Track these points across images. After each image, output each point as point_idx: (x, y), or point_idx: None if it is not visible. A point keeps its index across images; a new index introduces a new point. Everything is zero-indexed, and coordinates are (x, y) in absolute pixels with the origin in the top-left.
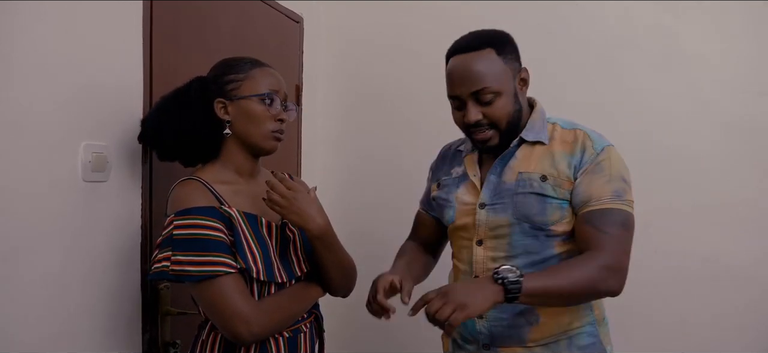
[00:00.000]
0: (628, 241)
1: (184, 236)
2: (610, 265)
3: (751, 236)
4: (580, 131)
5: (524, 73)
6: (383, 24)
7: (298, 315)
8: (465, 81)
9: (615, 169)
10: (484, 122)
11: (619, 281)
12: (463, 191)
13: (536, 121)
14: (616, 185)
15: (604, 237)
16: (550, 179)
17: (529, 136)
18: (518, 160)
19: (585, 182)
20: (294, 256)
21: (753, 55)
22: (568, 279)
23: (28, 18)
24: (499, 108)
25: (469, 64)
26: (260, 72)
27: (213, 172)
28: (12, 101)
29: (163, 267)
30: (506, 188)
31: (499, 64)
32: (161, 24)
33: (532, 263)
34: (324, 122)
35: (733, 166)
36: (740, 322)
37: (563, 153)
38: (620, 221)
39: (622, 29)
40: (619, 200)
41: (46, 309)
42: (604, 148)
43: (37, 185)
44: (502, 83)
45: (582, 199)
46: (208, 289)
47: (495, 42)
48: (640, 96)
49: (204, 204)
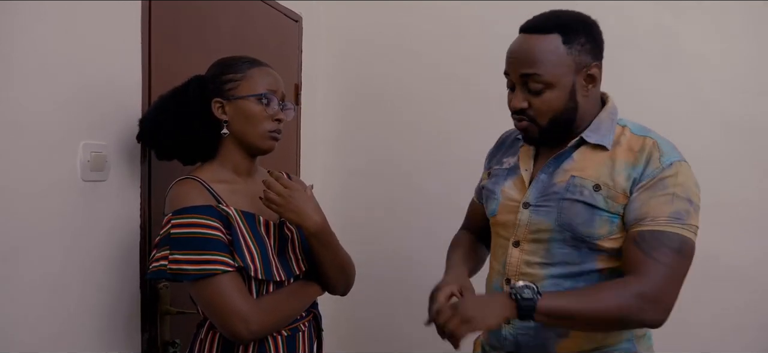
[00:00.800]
0: (679, 270)
1: (181, 235)
2: (650, 295)
3: (751, 236)
4: (650, 140)
5: (594, 70)
6: (383, 24)
7: (296, 313)
8: (517, 62)
9: (682, 188)
10: (529, 112)
11: (660, 313)
12: (510, 185)
13: (604, 121)
14: (678, 206)
15: (650, 263)
16: (603, 189)
17: (591, 138)
18: (574, 162)
19: (643, 198)
20: (292, 254)
21: (753, 55)
22: (595, 304)
23: (28, 18)
24: (545, 101)
25: (526, 46)
26: (258, 72)
27: (211, 171)
28: (11, 100)
29: (160, 265)
30: (554, 190)
31: (561, 52)
32: (160, 24)
33: (569, 274)
34: (323, 122)
35: (733, 166)
36: (740, 322)
37: (625, 162)
38: (675, 246)
39: (622, 29)
40: (677, 223)
41: (45, 308)
42: (673, 162)
43: (36, 184)
44: (557, 75)
45: (635, 216)
46: (206, 288)
47: (564, 27)
48: (640, 96)
49: (201, 203)
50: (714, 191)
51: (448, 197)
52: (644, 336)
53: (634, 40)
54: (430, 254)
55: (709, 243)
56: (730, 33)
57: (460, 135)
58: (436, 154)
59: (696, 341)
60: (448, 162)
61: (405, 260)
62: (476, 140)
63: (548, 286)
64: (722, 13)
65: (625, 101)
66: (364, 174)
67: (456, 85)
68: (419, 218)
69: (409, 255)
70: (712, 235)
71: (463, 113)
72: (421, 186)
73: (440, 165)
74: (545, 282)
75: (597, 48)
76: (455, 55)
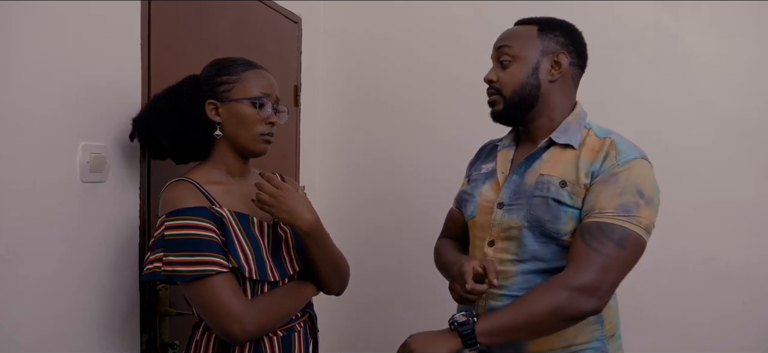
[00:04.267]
0: (618, 262)
1: (175, 237)
2: (580, 285)
3: (751, 236)
4: (609, 140)
5: (561, 57)
6: (382, 24)
7: (291, 313)
8: (498, 39)
9: (632, 183)
10: (496, 84)
11: (595, 302)
12: (487, 188)
13: (571, 123)
14: (626, 199)
15: (589, 254)
16: (569, 185)
17: (560, 138)
18: (544, 162)
19: (595, 191)
20: (286, 255)
21: (752, 56)
22: (529, 308)
23: (27, 18)
24: (510, 73)
25: (509, 30)
26: (252, 75)
27: (204, 172)
28: (11, 101)
29: (155, 268)
30: (525, 189)
31: (533, 36)
32: (159, 24)
33: (540, 270)
34: (322, 122)
35: (732, 166)
36: (740, 322)
37: (587, 160)
38: (615, 238)
39: (621, 29)
40: (623, 216)
41: (44, 309)
42: (629, 159)
43: (35, 185)
44: (524, 51)
45: (586, 208)
46: (200, 289)
47: (544, 23)
48: (640, 96)
49: (195, 204)
50: (713, 191)
51: (447, 197)
52: (614, 336)
53: (634, 40)
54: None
55: (709, 243)
56: (729, 33)
57: (459, 135)
58: (435, 154)
59: (696, 341)
60: (447, 162)
61: (403, 261)
62: (475, 141)
63: (520, 282)
64: (722, 13)
65: (623, 100)
66: (363, 174)
67: (455, 85)
68: (418, 219)
69: (407, 255)
70: (712, 235)
71: (463, 114)
72: (420, 186)
73: (439, 165)
74: (517, 278)
75: (571, 46)
76: (454, 56)
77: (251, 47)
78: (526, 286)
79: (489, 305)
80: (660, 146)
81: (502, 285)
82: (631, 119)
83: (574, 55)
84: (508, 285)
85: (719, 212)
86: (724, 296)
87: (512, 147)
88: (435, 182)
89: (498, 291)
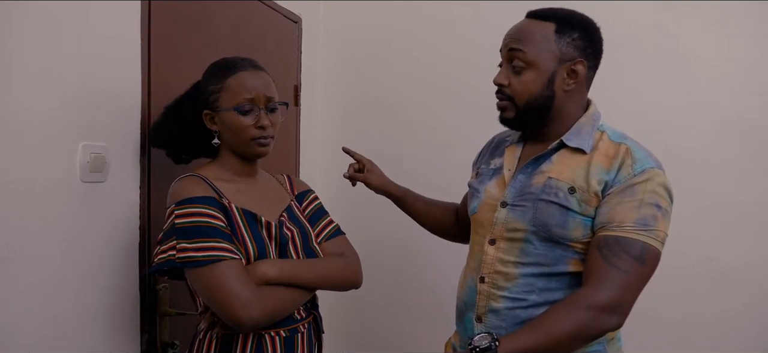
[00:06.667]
0: (638, 278)
1: (186, 225)
2: (602, 304)
3: (751, 236)
4: (624, 146)
5: (579, 66)
6: (382, 24)
7: (298, 303)
8: (509, 37)
9: (651, 194)
10: (507, 90)
11: (617, 319)
12: (492, 184)
13: (584, 126)
14: (645, 211)
15: (609, 271)
16: (578, 192)
17: (572, 141)
18: (553, 164)
19: (611, 203)
20: (294, 254)
21: (752, 56)
22: (552, 329)
23: (27, 18)
24: (523, 82)
25: (521, 26)
26: (235, 81)
27: (213, 170)
28: (11, 101)
29: (169, 256)
30: (531, 190)
31: (550, 39)
32: (160, 24)
33: (542, 274)
34: (322, 122)
35: (732, 166)
36: (740, 322)
37: (600, 167)
38: (636, 254)
39: (621, 29)
40: (642, 230)
41: (44, 309)
42: (645, 169)
43: (35, 185)
44: (539, 58)
45: (602, 220)
46: (210, 273)
47: (561, 19)
48: (640, 96)
49: (203, 194)
50: (714, 191)
51: (446, 197)
52: (614, 339)
53: (634, 40)
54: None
55: (709, 243)
56: (730, 33)
57: (459, 135)
58: (436, 154)
59: (696, 341)
60: (447, 162)
61: (403, 261)
62: (475, 140)
63: (522, 285)
64: (722, 13)
65: (624, 100)
66: None
67: (455, 85)
68: None
69: (409, 255)
70: (712, 235)
71: (463, 114)
72: (421, 186)
73: (440, 165)
74: (519, 281)
75: (590, 49)
76: (454, 56)
77: (251, 47)
78: (527, 289)
79: (489, 305)
80: (660, 146)
81: (504, 287)
82: (631, 119)
83: (591, 59)
84: (510, 287)
85: (719, 212)
86: (724, 296)
87: (520, 144)
88: (435, 182)
89: (499, 293)
